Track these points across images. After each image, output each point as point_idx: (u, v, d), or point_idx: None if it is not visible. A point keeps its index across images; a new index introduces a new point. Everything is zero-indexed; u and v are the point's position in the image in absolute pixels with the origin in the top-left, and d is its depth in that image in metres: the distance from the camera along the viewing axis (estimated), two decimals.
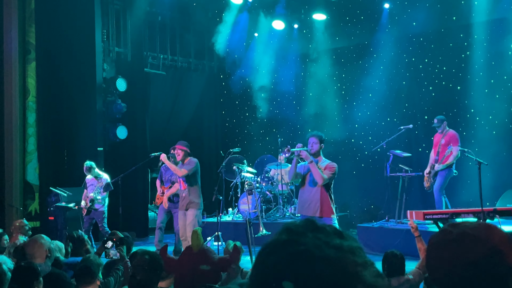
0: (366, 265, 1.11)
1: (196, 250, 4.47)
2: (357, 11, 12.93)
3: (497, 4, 10.93)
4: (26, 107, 11.99)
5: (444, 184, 9.47)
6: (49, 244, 4.98)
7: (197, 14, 14.70)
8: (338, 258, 1.10)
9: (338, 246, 1.11)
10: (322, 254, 1.09)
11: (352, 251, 1.11)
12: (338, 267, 1.09)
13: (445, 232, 1.56)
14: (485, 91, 11.14)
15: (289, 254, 1.10)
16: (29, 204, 11.92)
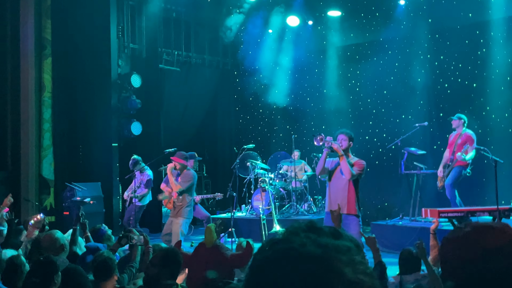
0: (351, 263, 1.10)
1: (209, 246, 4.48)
2: (372, 8, 12.87)
3: None
4: (42, 102, 12.08)
5: (457, 179, 9.35)
6: (64, 239, 5.03)
7: (211, 10, 14.72)
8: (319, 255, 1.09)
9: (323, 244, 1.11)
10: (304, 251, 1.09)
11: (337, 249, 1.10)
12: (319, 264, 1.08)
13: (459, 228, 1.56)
14: (501, 88, 11.05)
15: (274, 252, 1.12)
16: (44, 199, 12.02)
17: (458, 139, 9.54)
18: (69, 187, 10.99)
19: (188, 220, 8.72)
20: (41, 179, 12.01)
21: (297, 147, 12.46)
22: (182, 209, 8.62)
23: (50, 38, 12.14)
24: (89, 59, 12.49)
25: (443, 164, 9.76)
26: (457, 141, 9.53)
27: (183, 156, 8.78)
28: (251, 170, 11.95)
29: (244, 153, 11.27)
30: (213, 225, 4.60)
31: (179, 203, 8.64)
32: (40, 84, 12.05)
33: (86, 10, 12.36)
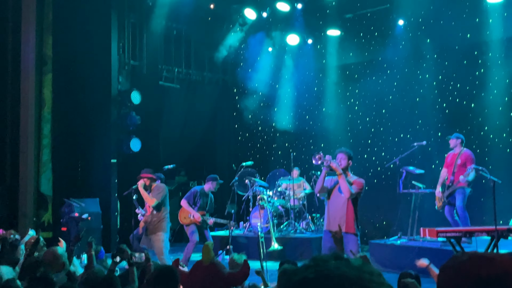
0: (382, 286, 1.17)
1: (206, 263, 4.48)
2: (371, 28, 12.97)
3: (511, 21, 10.92)
4: (42, 117, 12.10)
5: (465, 200, 9.26)
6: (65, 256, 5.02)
7: (212, 28, 14.84)
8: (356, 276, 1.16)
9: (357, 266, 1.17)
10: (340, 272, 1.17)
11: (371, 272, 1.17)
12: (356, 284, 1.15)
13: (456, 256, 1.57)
14: (499, 109, 11.12)
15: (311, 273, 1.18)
16: (42, 214, 11.99)
17: (457, 159, 9.49)
18: (67, 203, 10.97)
19: (167, 234, 8.70)
20: (39, 194, 11.99)
21: (296, 165, 12.47)
22: (160, 224, 8.57)
23: (51, 54, 12.20)
24: (89, 75, 12.55)
25: (440, 184, 9.71)
26: (457, 161, 9.48)
27: (149, 171, 8.85)
28: (249, 188, 11.95)
29: (243, 170, 11.30)
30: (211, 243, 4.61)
31: (154, 219, 8.60)
32: (40, 100, 12.08)
33: (88, 26, 12.44)
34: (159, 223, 8.57)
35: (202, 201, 9.80)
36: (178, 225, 14.26)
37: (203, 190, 9.88)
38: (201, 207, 9.76)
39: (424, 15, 12.10)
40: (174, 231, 13.80)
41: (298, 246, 11.00)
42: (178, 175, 14.69)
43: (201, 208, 9.76)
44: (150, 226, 8.63)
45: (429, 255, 8.89)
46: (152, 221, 8.61)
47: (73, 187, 12.22)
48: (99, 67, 12.51)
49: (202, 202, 9.79)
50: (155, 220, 8.59)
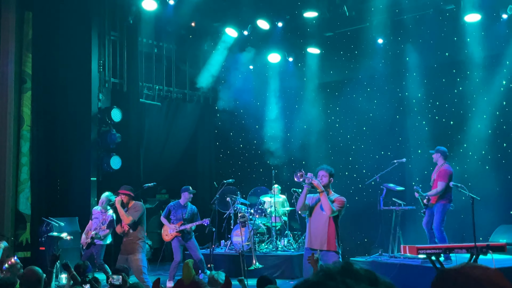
0: None
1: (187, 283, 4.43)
2: (351, 46, 13.09)
3: (489, 41, 11.11)
4: (21, 136, 11.97)
5: (442, 219, 9.26)
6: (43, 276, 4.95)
7: (193, 46, 14.87)
8: None
9: None
10: None
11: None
12: None
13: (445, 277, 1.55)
14: (478, 126, 11.25)
15: None
16: (20, 234, 11.81)
17: (434, 174, 9.56)
18: (46, 222, 10.82)
19: (144, 253, 8.63)
20: (17, 213, 11.81)
21: (277, 182, 12.47)
22: (138, 244, 8.48)
23: (31, 72, 12.11)
24: (69, 93, 12.48)
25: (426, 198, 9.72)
26: (433, 176, 9.55)
27: (128, 188, 8.79)
28: (230, 205, 11.91)
29: (224, 187, 11.25)
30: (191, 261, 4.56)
31: (130, 237, 8.50)
32: (19, 118, 11.96)
33: (67, 44, 12.40)
34: (136, 243, 8.46)
35: (179, 213, 10.07)
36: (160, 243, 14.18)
37: (179, 203, 10.23)
38: (178, 218, 10.05)
39: (403, 34, 12.26)
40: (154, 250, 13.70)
41: (280, 263, 10.96)
42: (159, 193, 14.61)
43: (179, 220, 10.04)
44: (127, 246, 8.51)
45: (410, 272, 8.95)
46: (128, 239, 8.50)
47: (52, 206, 12.07)
48: (79, 85, 12.45)
49: (179, 214, 10.07)
50: (131, 239, 8.48)
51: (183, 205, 10.17)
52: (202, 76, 14.85)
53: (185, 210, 10.11)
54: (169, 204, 10.46)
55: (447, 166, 9.46)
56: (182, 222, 9.98)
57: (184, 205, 10.16)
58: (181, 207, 10.15)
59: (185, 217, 10.03)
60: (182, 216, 10.04)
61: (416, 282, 8.58)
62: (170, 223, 10.06)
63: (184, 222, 9.97)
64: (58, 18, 12.39)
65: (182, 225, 9.95)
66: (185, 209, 10.12)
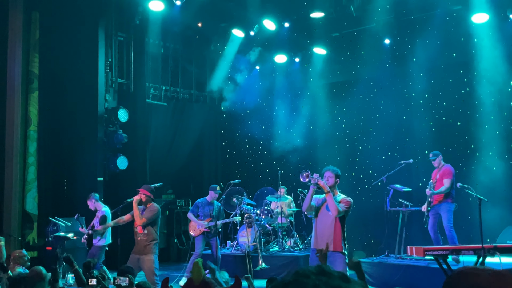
0: None
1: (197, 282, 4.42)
2: (357, 46, 13.06)
3: (497, 41, 11.05)
4: (28, 136, 12.00)
5: (450, 217, 9.28)
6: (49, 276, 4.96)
7: (199, 46, 14.89)
8: None
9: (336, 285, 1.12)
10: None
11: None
12: None
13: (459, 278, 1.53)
14: (485, 127, 11.20)
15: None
16: (27, 233, 11.84)
17: (437, 174, 9.59)
18: (53, 222, 10.84)
19: (157, 255, 8.57)
20: (24, 213, 11.85)
21: (284, 183, 12.45)
22: (151, 245, 8.42)
23: (38, 72, 12.14)
24: (76, 93, 12.50)
25: (427, 202, 9.75)
26: (437, 176, 9.57)
27: (150, 188, 8.75)
28: (237, 206, 11.90)
29: (230, 188, 11.27)
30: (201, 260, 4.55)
31: (145, 238, 8.48)
32: (26, 118, 12.00)
33: (75, 44, 12.42)
34: (150, 245, 8.41)
35: (206, 210, 10.38)
36: (167, 243, 14.20)
37: (206, 200, 10.51)
38: (206, 215, 10.33)
39: (410, 34, 12.22)
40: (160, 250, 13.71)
41: (286, 264, 10.94)
42: (165, 194, 14.62)
43: (207, 216, 10.32)
44: (140, 246, 8.45)
45: (416, 273, 8.92)
46: (142, 240, 8.45)
47: (59, 206, 12.10)
48: (86, 85, 12.47)
49: (207, 210, 10.37)
50: (145, 240, 8.43)
51: (210, 202, 10.45)
52: (214, 80, 14.85)
53: (212, 207, 10.39)
54: (197, 201, 10.70)
55: (449, 165, 9.52)
56: (211, 219, 10.23)
57: (211, 202, 10.45)
58: (208, 204, 10.43)
59: (212, 214, 10.30)
60: (210, 213, 10.32)
61: (422, 283, 8.55)
62: (198, 219, 10.31)
63: (212, 219, 10.21)
64: (65, 18, 12.41)
65: (210, 221, 10.19)
66: (212, 206, 10.41)
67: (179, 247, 14.19)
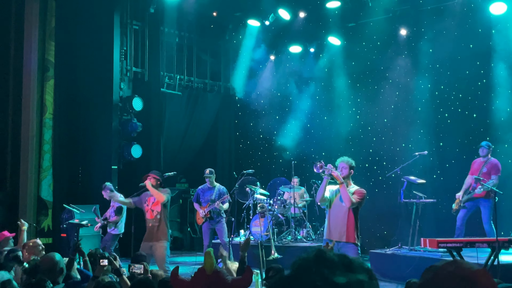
0: None
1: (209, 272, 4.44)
2: (373, 37, 12.96)
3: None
4: (43, 123, 12.10)
5: (491, 214, 9.14)
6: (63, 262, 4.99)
7: (214, 36, 14.87)
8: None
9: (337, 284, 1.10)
10: None
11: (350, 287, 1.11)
12: None
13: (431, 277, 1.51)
14: (501, 119, 11.08)
15: None
16: (42, 220, 11.97)
17: (483, 167, 9.47)
18: (67, 209, 10.93)
19: (169, 242, 8.56)
20: (39, 200, 11.97)
21: (297, 173, 12.44)
22: (163, 231, 8.36)
23: (53, 60, 12.21)
24: (91, 81, 12.57)
25: (464, 190, 9.65)
26: (483, 169, 9.45)
27: (159, 173, 8.77)
28: (250, 196, 11.91)
29: (244, 178, 11.25)
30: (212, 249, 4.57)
31: (156, 224, 8.43)
32: (42, 106, 12.09)
33: (90, 33, 12.47)
34: (161, 230, 8.38)
35: (207, 195, 10.21)
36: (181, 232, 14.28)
37: (206, 185, 10.34)
38: (206, 200, 10.18)
39: (426, 25, 12.11)
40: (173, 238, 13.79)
41: (298, 255, 10.94)
42: (179, 182, 14.68)
43: (207, 202, 10.15)
44: (152, 232, 8.43)
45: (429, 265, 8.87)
46: (154, 226, 8.42)
47: (74, 193, 12.20)
48: (101, 73, 12.53)
49: (207, 195, 10.20)
50: (157, 226, 8.40)
51: (210, 187, 10.31)
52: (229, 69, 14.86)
53: (212, 191, 10.23)
54: (198, 188, 10.59)
55: (497, 160, 9.42)
56: (210, 203, 10.09)
57: (211, 186, 10.29)
58: (208, 189, 10.31)
59: (212, 198, 10.12)
60: (209, 198, 10.16)
61: None
62: (202, 207, 10.21)
63: (211, 203, 10.06)
64: (81, 6, 12.45)
65: (209, 206, 10.05)
66: (212, 190, 10.24)
67: (192, 236, 14.26)
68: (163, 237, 8.33)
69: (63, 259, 5.09)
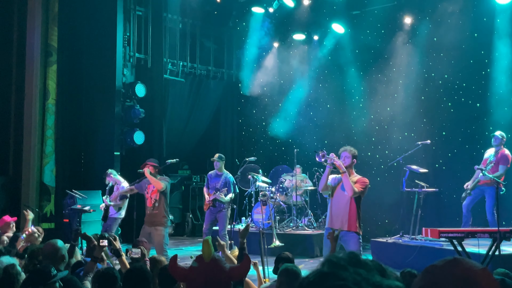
0: None
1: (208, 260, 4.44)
2: (377, 25, 12.90)
3: None
4: (46, 109, 12.11)
5: (495, 203, 9.15)
6: (65, 249, 5.00)
7: (217, 23, 14.81)
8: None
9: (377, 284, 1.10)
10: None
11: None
12: None
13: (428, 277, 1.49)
14: (505, 109, 11.04)
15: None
16: (44, 205, 12.01)
17: (493, 157, 9.43)
18: (70, 195, 10.97)
19: (167, 229, 8.63)
20: (42, 185, 12.01)
21: (299, 161, 12.44)
22: (161, 217, 8.44)
23: (56, 45, 12.19)
24: (94, 67, 12.55)
25: (473, 179, 9.62)
26: (491, 158, 9.42)
27: (156, 162, 8.80)
28: (252, 183, 11.93)
29: (246, 165, 11.26)
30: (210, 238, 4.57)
31: (155, 211, 8.50)
32: (45, 91, 12.08)
33: (93, 18, 12.43)
34: (159, 217, 8.45)
35: (213, 182, 9.94)
36: (182, 218, 14.33)
37: (215, 172, 10.05)
38: (212, 188, 9.88)
39: (431, 14, 12.04)
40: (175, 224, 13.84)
41: (300, 242, 10.99)
42: (181, 169, 14.70)
43: (213, 189, 9.86)
44: (151, 218, 8.52)
45: (430, 254, 8.90)
46: (152, 213, 8.49)
47: (76, 179, 12.23)
48: (104, 59, 12.50)
49: (213, 183, 9.93)
50: (156, 213, 8.47)
51: (217, 174, 10.02)
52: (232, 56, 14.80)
53: (219, 179, 9.95)
54: (208, 173, 10.32)
55: (507, 151, 9.37)
56: (215, 192, 9.85)
57: (219, 173, 10.01)
58: (216, 175, 10.02)
59: (217, 186, 9.86)
60: (215, 185, 9.89)
61: None
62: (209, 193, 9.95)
63: (215, 192, 9.82)
64: None
65: (213, 194, 9.82)
66: (219, 178, 9.96)
67: (193, 222, 14.30)
68: (161, 225, 8.42)
69: (65, 246, 5.10)
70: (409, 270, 4.85)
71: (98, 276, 4.23)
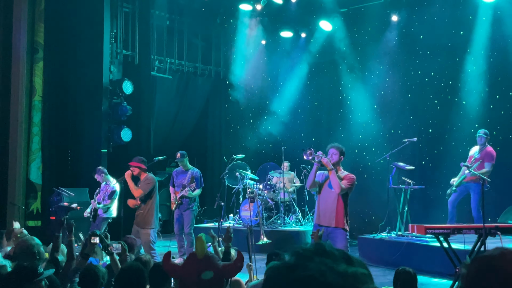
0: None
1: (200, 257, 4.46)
2: (364, 22, 12.96)
3: (504, 20, 10.95)
4: (32, 106, 12.03)
5: (479, 199, 9.22)
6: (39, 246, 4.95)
7: (205, 20, 14.78)
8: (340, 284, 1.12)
9: (342, 272, 1.12)
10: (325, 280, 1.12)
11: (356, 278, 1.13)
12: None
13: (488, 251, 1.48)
14: (490, 106, 11.15)
15: (294, 280, 1.14)
16: (31, 203, 11.94)
17: (477, 153, 9.52)
18: (57, 192, 10.92)
19: (156, 229, 8.63)
20: (28, 183, 11.93)
21: (287, 158, 12.48)
22: (149, 218, 8.47)
23: (43, 42, 12.11)
24: (81, 64, 12.48)
25: (459, 176, 9.69)
26: (476, 155, 9.51)
27: (141, 160, 8.75)
28: (240, 180, 11.95)
29: (234, 162, 11.27)
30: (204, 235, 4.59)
31: (141, 211, 8.52)
32: (31, 88, 12.00)
33: (80, 15, 12.36)
34: (147, 217, 8.48)
35: (179, 179, 9.62)
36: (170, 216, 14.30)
37: (180, 169, 9.72)
38: (178, 185, 9.58)
39: (417, 11, 12.12)
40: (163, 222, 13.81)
41: (288, 239, 11.02)
42: (169, 166, 14.67)
43: (179, 187, 9.55)
44: (139, 218, 8.58)
45: (416, 250, 8.98)
46: (140, 212, 8.54)
47: (63, 176, 12.16)
48: (91, 56, 12.44)
49: (180, 180, 9.61)
50: (142, 213, 8.51)
51: (183, 171, 9.68)
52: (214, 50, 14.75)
53: (185, 175, 9.59)
54: (173, 171, 10.07)
55: (491, 148, 9.46)
56: (182, 189, 9.49)
57: (184, 170, 9.67)
58: (182, 172, 9.68)
59: (184, 183, 9.51)
60: (181, 182, 9.55)
61: (422, 261, 8.61)
62: (175, 192, 9.65)
63: (183, 188, 9.46)
64: None
65: (181, 191, 9.45)
66: (185, 174, 9.60)
67: None
68: (147, 225, 8.47)
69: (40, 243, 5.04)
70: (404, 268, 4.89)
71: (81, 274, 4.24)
